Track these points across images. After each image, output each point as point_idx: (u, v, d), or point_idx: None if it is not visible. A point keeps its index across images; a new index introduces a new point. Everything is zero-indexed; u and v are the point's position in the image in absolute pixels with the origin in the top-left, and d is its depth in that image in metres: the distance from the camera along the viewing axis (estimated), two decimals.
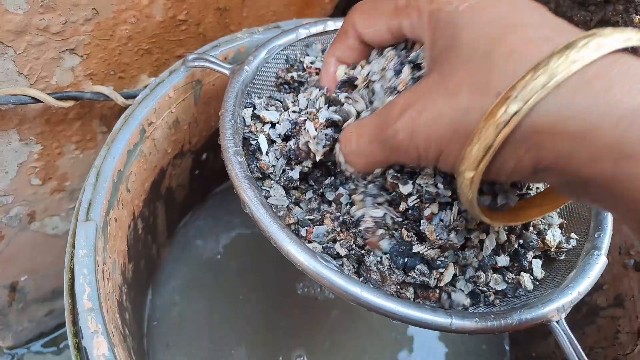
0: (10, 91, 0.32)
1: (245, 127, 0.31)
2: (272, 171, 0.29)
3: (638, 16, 0.38)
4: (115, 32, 0.35)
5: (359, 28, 0.25)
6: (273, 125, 0.31)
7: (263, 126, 0.30)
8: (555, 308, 0.24)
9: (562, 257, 0.27)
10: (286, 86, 0.34)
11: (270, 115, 0.31)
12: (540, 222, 0.28)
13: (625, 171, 0.16)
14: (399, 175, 0.24)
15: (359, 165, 0.24)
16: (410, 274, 0.25)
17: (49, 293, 0.52)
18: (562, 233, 0.28)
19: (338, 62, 0.28)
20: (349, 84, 0.27)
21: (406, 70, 0.24)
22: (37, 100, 0.33)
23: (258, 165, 0.29)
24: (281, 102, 0.32)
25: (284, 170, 0.29)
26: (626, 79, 0.16)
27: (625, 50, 0.17)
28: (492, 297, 0.25)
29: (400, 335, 0.45)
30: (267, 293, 0.46)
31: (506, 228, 0.26)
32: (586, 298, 0.37)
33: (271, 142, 0.30)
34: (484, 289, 0.25)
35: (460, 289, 0.25)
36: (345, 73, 0.28)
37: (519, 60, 0.17)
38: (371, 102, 0.25)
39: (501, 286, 0.25)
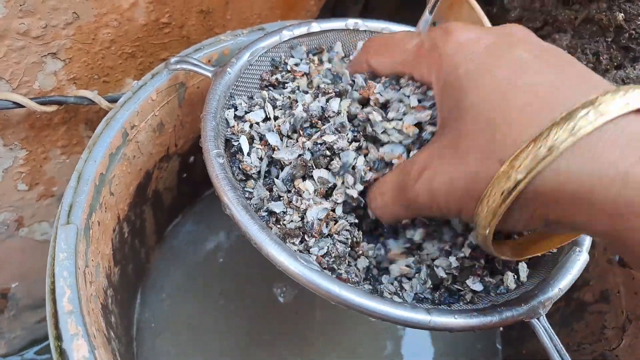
0: None
1: (228, 129, 0.31)
2: (254, 172, 0.29)
3: (621, 13, 0.38)
4: (97, 35, 0.35)
5: (372, 64, 0.27)
6: (257, 124, 0.31)
7: (244, 125, 0.30)
8: (536, 305, 0.24)
9: (546, 257, 0.27)
10: (270, 88, 0.34)
11: (254, 116, 0.31)
12: None
13: (623, 228, 0.17)
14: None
15: (386, 220, 0.25)
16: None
17: (41, 300, 0.52)
18: None
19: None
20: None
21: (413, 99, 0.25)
22: (20, 105, 0.33)
23: (240, 166, 0.29)
24: (265, 100, 0.32)
25: (268, 172, 0.29)
26: (619, 142, 0.17)
27: None
28: (468, 296, 0.25)
29: (393, 330, 0.45)
30: (260, 295, 0.45)
31: None
32: (574, 294, 0.37)
33: (251, 139, 0.30)
34: (459, 287, 0.25)
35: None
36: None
37: (520, 128, 0.18)
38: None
39: (477, 287, 0.25)
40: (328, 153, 0.27)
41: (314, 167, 0.27)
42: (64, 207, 0.28)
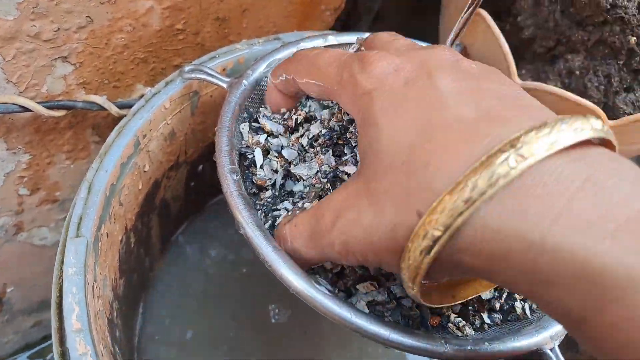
0: None
1: (242, 142, 0.30)
2: (268, 184, 0.28)
3: (634, 37, 0.38)
4: (110, 40, 0.34)
5: (300, 85, 0.25)
6: (273, 135, 0.30)
7: (259, 138, 0.30)
8: (549, 335, 0.23)
9: None
10: None
11: (271, 125, 0.30)
12: None
13: (539, 294, 0.16)
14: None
15: (300, 263, 0.23)
16: None
17: (36, 304, 0.51)
18: None
19: (279, 91, 0.28)
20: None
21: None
22: (26, 109, 0.32)
23: (253, 180, 0.28)
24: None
25: (282, 184, 0.29)
26: (540, 194, 0.15)
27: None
28: (477, 322, 0.25)
29: (389, 354, 0.45)
30: (265, 306, 0.45)
31: None
32: None
33: (266, 152, 0.29)
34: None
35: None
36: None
37: (437, 174, 0.16)
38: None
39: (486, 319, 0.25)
40: (346, 178, 0.26)
41: (331, 189, 0.26)
42: (73, 220, 0.27)
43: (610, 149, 0.17)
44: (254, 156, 0.29)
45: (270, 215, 0.28)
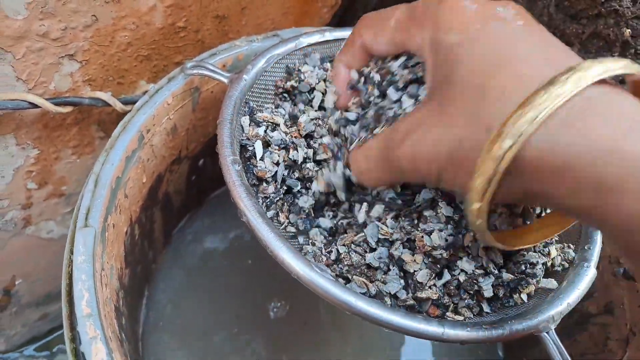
0: (8, 96, 0.32)
1: (243, 135, 0.31)
2: (269, 176, 0.29)
3: (628, 29, 0.39)
4: (114, 38, 0.35)
5: (365, 40, 0.26)
6: (273, 128, 0.31)
7: (259, 130, 0.31)
8: (546, 319, 0.24)
9: (560, 270, 0.28)
10: (285, 95, 0.34)
11: (275, 116, 0.31)
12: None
13: (603, 203, 0.17)
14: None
15: (369, 183, 0.26)
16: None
17: (43, 297, 0.52)
18: (561, 247, 0.29)
19: (346, 67, 0.29)
20: (354, 89, 0.28)
21: (406, 100, 0.25)
22: (35, 106, 0.33)
23: (254, 171, 0.29)
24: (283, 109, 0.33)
25: (283, 180, 0.30)
26: (604, 117, 0.17)
27: (604, 81, 0.18)
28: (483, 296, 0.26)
29: (392, 336, 0.46)
30: (266, 296, 0.46)
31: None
32: (578, 305, 0.37)
33: (266, 145, 0.30)
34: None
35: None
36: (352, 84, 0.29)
37: (508, 97, 0.18)
38: (376, 121, 0.26)
39: (488, 292, 0.26)
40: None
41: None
42: (81, 210, 0.28)
43: None
44: (254, 148, 0.30)
45: (272, 207, 0.29)
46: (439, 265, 0.26)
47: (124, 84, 0.38)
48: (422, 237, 0.25)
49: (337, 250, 0.27)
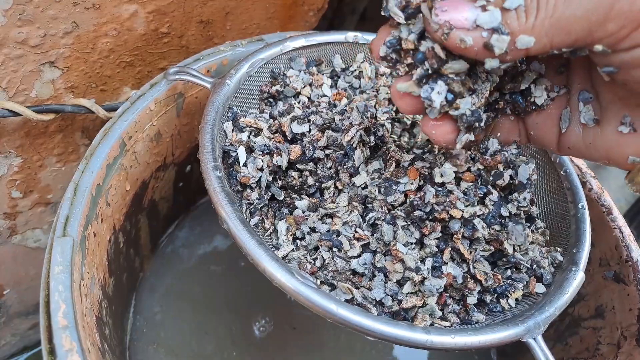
0: None
1: (226, 140, 0.31)
2: (253, 182, 0.29)
3: None
4: (96, 45, 0.34)
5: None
6: (257, 133, 0.31)
7: (242, 136, 0.30)
8: (533, 325, 0.24)
9: (548, 274, 0.27)
10: (271, 99, 0.34)
11: (258, 121, 0.31)
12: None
13: None
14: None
15: (529, 23, 0.18)
16: None
17: (33, 306, 0.51)
18: (548, 251, 0.28)
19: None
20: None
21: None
22: (16, 114, 0.33)
23: (237, 177, 0.29)
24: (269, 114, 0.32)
25: (268, 186, 0.29)
26: None
27: None
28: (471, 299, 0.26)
29: (380, 352, 0.45)
30: (256, 303, 0.45)
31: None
32: (569, 309, 0.37)
33: (250, 150, 0.30)
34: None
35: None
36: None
37: None
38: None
39: (472, 300, 0.26)
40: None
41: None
42: (60, 219, 0.28)
43: None
44: (237, 154, 0.30)
45: (256, 213, 0.29)
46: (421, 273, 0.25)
47: (107, 90, 0.38)
48: (397, 247, 0.25)
49: (322, 257, 0.27)
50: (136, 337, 0.43)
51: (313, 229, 0.28)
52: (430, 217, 0.25)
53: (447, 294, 0.26)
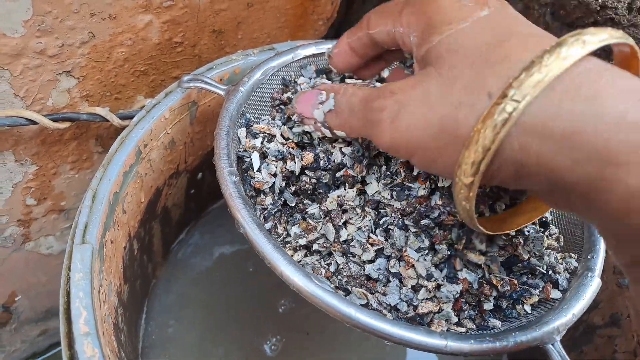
0: (6, 113, 0.32)
1: (240, 146, 0.31)
2: (266, 188, 0.29)
3: None
4: (111, 54, 0.35)
5: (369, 25, 0.26)
6: (270, 139, 0.31)
7: (255, 142, 0.31)
8: (551, 330, 0.24)
9: (563, 280, 0.27)
10: (282, 107, 0.34)
11: (271, 127, 0.31)
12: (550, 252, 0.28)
13: (607, 175, 0.16)
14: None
15: (337, 121, 0.25)
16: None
17: (43, 313, 0.52)
18: (563, 257, 0.28)
19: (349, 48, 0.28)
20: None
21: None
22: (33, 122, 0.33)
23: (252, 183, 0.29)
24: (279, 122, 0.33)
25: (281, 191, 0.29)
26: (613, 89, 0.17)
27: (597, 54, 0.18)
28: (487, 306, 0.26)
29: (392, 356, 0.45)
30: (269, 307, 0.45)
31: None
32: (583, 316, 0.37)
33: (263, 156, 0.30)
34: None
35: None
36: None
37: (513, 62, 0.18)
38: None
39: (488, 306, 0.26)
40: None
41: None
42: (79, 227, 0.28)
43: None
44: (251, 160, 0.30)
45: (270, 219, 0.29)
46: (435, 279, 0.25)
47: (122, 99, 0.38)
48: (408, 253, 0.25)
49: (336, 262, 0.27)
50: (149, 344, 0.43)
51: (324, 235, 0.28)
52: (438, 223, 0.25)
53: (463, 300, 0.26)
